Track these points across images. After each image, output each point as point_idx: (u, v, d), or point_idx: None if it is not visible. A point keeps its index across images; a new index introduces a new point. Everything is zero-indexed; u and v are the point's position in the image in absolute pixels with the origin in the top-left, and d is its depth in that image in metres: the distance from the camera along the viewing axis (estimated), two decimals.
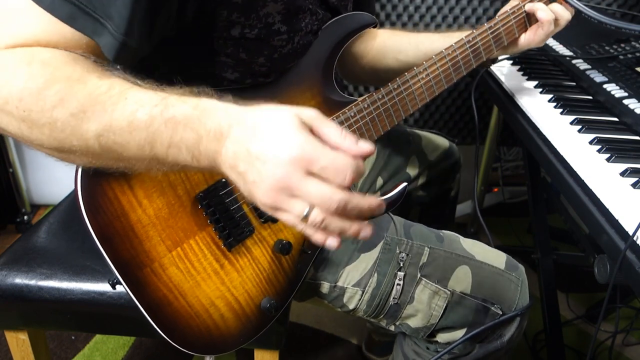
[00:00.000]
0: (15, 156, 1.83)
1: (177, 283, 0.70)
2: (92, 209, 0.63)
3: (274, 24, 0.70)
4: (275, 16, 0.69)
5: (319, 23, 0.77)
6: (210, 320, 0.73)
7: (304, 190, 0.50)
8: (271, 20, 0.69)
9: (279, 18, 0.70)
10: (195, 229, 0.70)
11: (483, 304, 0.85)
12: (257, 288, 0.77)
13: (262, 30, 0.69)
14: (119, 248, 0.66)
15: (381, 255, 0.86)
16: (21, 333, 0.95)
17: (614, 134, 0.92)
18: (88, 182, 0.63)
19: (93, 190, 0.63)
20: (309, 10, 0.74)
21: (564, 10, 0.92)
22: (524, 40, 0.94)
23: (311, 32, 0.76)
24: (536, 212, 1.31)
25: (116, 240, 0.65)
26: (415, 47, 0.98)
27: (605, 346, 1.46)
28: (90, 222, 0.64)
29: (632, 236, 0.67)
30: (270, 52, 0.72)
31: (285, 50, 0.73)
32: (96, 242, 0.65)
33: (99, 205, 0.64)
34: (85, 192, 0.63)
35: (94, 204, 0.63)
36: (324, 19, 0.79)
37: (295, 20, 0.73)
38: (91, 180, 0.63)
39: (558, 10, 0.92)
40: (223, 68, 0.72)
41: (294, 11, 0.71)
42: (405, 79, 0.84)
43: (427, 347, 0.92)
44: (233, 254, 0.74)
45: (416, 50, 0.97)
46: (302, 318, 1.57)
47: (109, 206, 0.64)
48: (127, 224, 0.66)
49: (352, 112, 0.81)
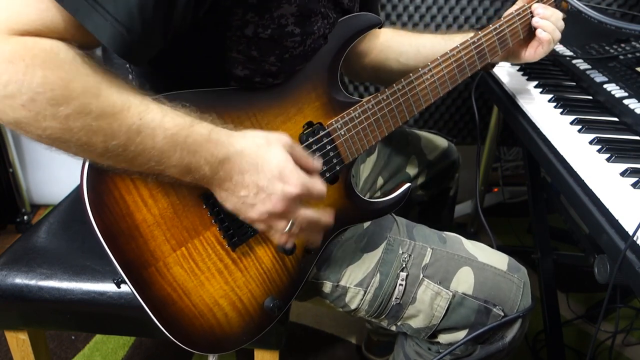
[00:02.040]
0: (15, 156, 1.83)
1: (182, 282, 0.70)
2: (98, 208, 0.63)
3: (287, 25, 0.70)
4: (288, 18, 0.70)
5: (330, 27, 0.77)
6: (214, 320, 0.74)
7: (296, 215, 0.67)
8: (284, 21, 0.70)
9: (292, 20, 0.70)
10: (199, 228, 0.71)
11: (485, 305, 0.85)
12: (261, 288, 0.77)
13: (276, 31, 0.69)
14: (124, 247, 0.66)
15: (384, 256, 0.86)
16: (21, 333, 0.95)
17: (614, 134, 0.92)
18: (94, 182, 0.63)
19: (99, 189, 0.63)
20: (320, 13, 0.74)
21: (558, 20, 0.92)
22: (524, 55, 0.95)
23: (323, 35, 0.76)
24: (536, 212, 1.31)
25: (121, 239, 0.65)
26: (417, 50, 0.98)
27: (605, 346, 1.46)
28: (96, 221, 0.64)
29: (632, 236, 0.67)
30: (282, 52, 0.72)
31: (297, 52, 0.73)
32: (101, 241, 0.65)
33: (104, 204, 0.64)
34: (91, 192, 0.63)
35: (100, 203, 0.63)
36: (335, 23, 0.79)
37: (308, 23, 0.73)
38: (97, 179, 0.63)
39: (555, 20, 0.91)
40: (233, 64, 0.72)
41: (306, 14, 0.71)
42: (410, 79, 0.84)
43: (428, 347, 0.93)
44: (237, 254, 0.74)
45: (417, 53, 0.98)
46: (302, 318, 1.57)
47: (115, 206, 0.64)
48: (133, 223, 0.66)
49: (357, 112, 0.81)
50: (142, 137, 0.57)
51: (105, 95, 0.55)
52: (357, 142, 0.82)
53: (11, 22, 0.51)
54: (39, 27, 0.52)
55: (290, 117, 0.77)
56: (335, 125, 0.80)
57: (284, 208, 0.65)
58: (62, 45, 0.53)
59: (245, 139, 0.65)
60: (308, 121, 0.79)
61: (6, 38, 0.50)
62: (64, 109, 0.52)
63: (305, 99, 0.78)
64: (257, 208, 0.65)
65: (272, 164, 0.64)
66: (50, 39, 0.53)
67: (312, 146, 0.78)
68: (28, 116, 0.51)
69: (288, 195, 0.65)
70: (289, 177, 0.65)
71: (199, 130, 0.61)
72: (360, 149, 0.83)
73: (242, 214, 0.67)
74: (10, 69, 0.50)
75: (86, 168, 0.62)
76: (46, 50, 0.52)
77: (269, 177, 0.64)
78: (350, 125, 0.81)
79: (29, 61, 0.50)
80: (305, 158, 0.69)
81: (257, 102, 0.74)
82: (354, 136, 0.82)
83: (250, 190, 0.64)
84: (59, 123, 0.52)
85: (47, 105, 0.51)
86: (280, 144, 0.66)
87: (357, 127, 0.81)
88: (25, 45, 0.51)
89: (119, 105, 0.55)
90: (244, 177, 0.64)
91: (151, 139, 0.57)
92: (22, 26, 0.52)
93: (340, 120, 0.80)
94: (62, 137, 0.54)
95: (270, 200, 0.64)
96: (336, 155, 0.80)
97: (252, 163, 0.64)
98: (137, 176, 0.64)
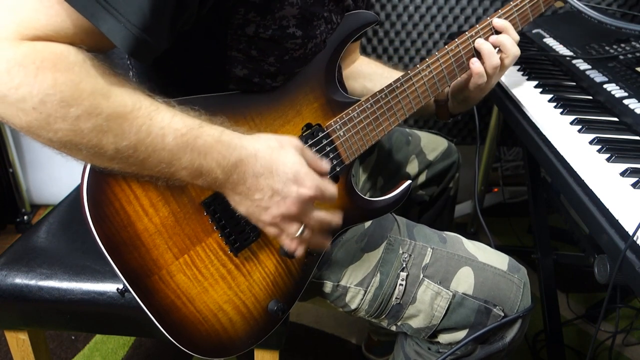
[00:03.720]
0: (15, 156, 1.83)
1: (185, 289, 0.70)
2: (99, 220, 0.64)
3: (288, 27, 0.70)
4: (290, 20, 0.70)
5: (332, 33, 0.78)
6: (219, 325, 0.74)
7: (308, 217, 0.67)
8: (286, 23, 0.70)
9: (293, 22, 0.70)
10: (201, 235, 0.71)
11: (485, 305, 0.85)
12: (264, 291, 0.77)
13: (277, 32, 0.69)
14: (126, 257, 0.66)
15: (384, 255, 0.86)
16: (21, 333, 0.95)
17: (614, 134, 0.92)
18: (94, 193, 0.63)
19: (99, 200, 0.63)
20: (324, 18, 0.74)
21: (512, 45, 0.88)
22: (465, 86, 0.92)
23: (324, 41, 0.77)
24: (536, 212, 1.31)
25: (123, 249, 0.66)
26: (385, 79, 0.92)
27: (605, 346, 1.46)
28: (98, 232, 0.64)
29: (632, 236, 0.67)
30: (282, 53, 0.72)
31: (297, 54, 0.73)
32: (104, 252, 0.65)
33: (105, 215, 0.64)
34: (92, 203, 0.63)
35: (101, 214, 0.64)
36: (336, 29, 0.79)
37: (310, 27, 0.73)
38: (97, 191, 0.63)
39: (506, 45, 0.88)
40: (233, 63, 0.72)
41: (308, 17, 0.71)
42: (409, 76, 0.84)
43: (428, 347, 0.92)
44: (240, 259, 0.74)
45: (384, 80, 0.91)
46: (302, 318, 1.57)
47: (116, 216, 0.64)
48: (134, 233, 0.66)
49: (356, 112, 0.81)
50: (152, 137, 0.57)
51: (115, 96, 0.55)
52: (357, 142, 0.82)
53: (22, 27, 0.52)
54: (49, 32, 0.53)
55: (289, 119, 0.77)
56: (334, 126, 0.80)
57: (298, 210, 0.66)
58: (72, 48, 0.54)
59: (259, 142, 0.65)
60: (307, 123, 0.79)
61: (17, 43, 0.51)
62: (75, 110, 0.52)
63: (303, 100, 0.78)
64: (271, 211, 0.65)
65: (286, 167, 0.65)
66: (60, 43, 0.53)
67: (312, 148, 0.78)
68: (39, 119, 0.52)
69: (303, 198, 0.65)
70: (303, 180, 0.65)
71: (209, 131, 0.61)
72: (359, 149, 0.83)
73: (255, 218, 0.67)
74: (22, 72, 0.50)
75: (86, 178, 0.62)
76: (56, 54, 0.52)
77: (284, 180, 0.64)
78: (349, 125, 0.81)
79: (40, 64, 0.51)
80: (315, 161, 0.69)
81: (255, 105, 0.74)
82: (353, 136, 0.81)
83: (265, 194, 0.64)
84: (69, 125, 0.53)
85: (57, 107, 0.52)
86: (293, 147, 0.67)
87: (356, 127, 0.81)
88: (35, 49, 0.51)
89: (129, 106, 0.56)
90: (258, 180, 0.64)
91: (161, 139, 0.57)
92: (33, 31, 0.52)
93: (339, 121, 0.80)
94: (73, 140, 0.54)
95: (285, 203, 0.65)
96: (336, 156, 0.80)
97: (267, 166, 0.64)
98: (136, 185, 0.64)
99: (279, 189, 0.64)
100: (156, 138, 0.57)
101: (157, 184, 0.65)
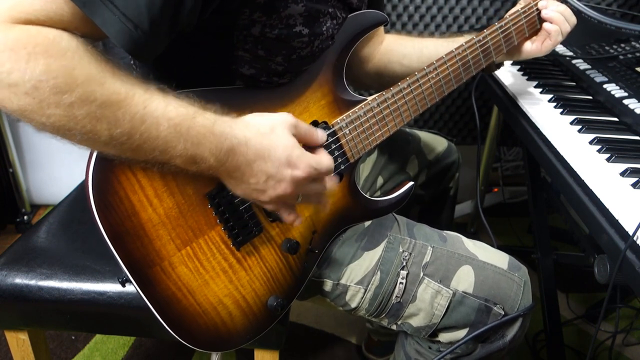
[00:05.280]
0: (15, 156, 1.83)
1: (186, 281, 0.70)
2: (103, 208, 0.64)
3: (295, 25, 0.70)
4: (297, 18, 0.70)
5: (339, 28, 0.77)
6: (218, 318, 0.74)
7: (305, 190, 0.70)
8: (292, 22, 0.70)
9: (300, 20, 0.70)
10: (204, 228, 0.71)
11: (485, 304, 0.85)
12: (265, 286, 0.77)
13: (283, 31, 0.69)
14: (129, 247, 0.66)
15: (384, 254, 0.86)
16: (21, 333, 0.95)
17: (614, 134, 0.92)
18: (99, 181, 0.63)
19: (104, 189, 0.63)
20: (329, 13, 0.74)
21: (571, 15, 0.92)
22: (530, 49, 0.94)
23: (331, 36, 0.76)
24: (536, 212, 1.31)
25: (126, 239, 0.66)
26: (419, 52, 0.97)
27: (605, 346, 1.46)
28: (101, 220, 0.64)
29: (632, 236, 0.67)
30: (289, 52, 0.72)
31: (304, 52, 0.73)
32: (107, 240, 0.65)
33: (109, 204, 0.64)
34: (96, 191, 0.63)
35: (105, 202, 0.63)
36: (343, 24, 0.79)
37: (317, 24, 0.73)
38: (102, 179, 0.63)
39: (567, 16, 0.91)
40: (240, 63, 0.72)
41: (314, 14, 0.71)
42: (416, 78, 0.84)
43: (429, 346, 0.92)
44: (241, 253, 0.74)
45: (420, 54, 0.97)
46: (302, 318, 1.57)
47: (120, 205, 0.64)
48: (138, 223, 0.66)
49: (362, 111, 0.81)
50: (146, 126, 0.57)
51: (109, 83, 0.55)
52: (362, 141, 0.82)
53: (15, 11, 0.51)
54: (42, 18, 0.52)
55: (295, 115, 0.77)
56: (341, 124, 0.80)
57: (293, 191, 0.68)
58: (65, 34, 0.53)
59: (249, 129, 0.65)
60: (313, 120, 0.79)
61: (9, 26, 0.50)
62: (68, 97, 0.52)
63: (310, 97, 0.78)
64: (268, 193, 0.67)
65: (278, 151, 0.65)
66: (54, 28, 0.53)
67: None
68: (32, 104, 0.51)
69: (297, 180, 0.67)
70: (296, 162, 0.66)
71: (202, 121, 0.61)
72: (364, 148, 0.83)
73: (251, 199, 0.70)
74: (13, 57, 0.50)
75: (92, 167, 0.62)
76: (49, 39, 0.52)
77: (277, 165, 0.65)
78: (355, 124, 0.81)
79: (31, 49, 0.50)
80: (309, 134, 0.70)
81: (262, 100, 0.74)
82: (359, 135, 0.81)
83: (259, 178, 0.65)
84: (63, 111, 0.52)
85: (50, 93, 0.51)
86: (284, 127, 0.67)
87: (361, 126, 0.81)
88: (28, 33, 0.51)
89: (123, 93, 0.55)
90: (252, 166, 0.65)
91: (155, 128, 0.57)
92: (26, 15, 0.51)
93: (346, 119, 0.80)
94: (67, 125, 0.54)
95: (281, 185, 0.67)
96: (341, 154, 0.81)
97: (259, 153, 0.64)
98: (142, 174, 0.64)
99: (272, 173, 0.65)
100: (150, 126, 0.57)
101: (163, 174, 0.65)
